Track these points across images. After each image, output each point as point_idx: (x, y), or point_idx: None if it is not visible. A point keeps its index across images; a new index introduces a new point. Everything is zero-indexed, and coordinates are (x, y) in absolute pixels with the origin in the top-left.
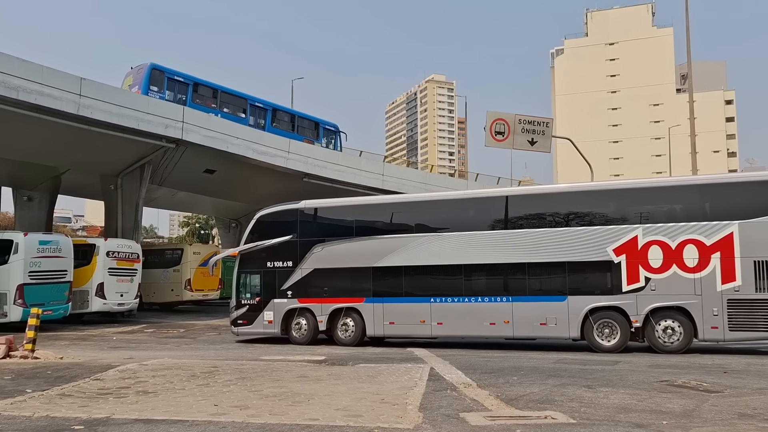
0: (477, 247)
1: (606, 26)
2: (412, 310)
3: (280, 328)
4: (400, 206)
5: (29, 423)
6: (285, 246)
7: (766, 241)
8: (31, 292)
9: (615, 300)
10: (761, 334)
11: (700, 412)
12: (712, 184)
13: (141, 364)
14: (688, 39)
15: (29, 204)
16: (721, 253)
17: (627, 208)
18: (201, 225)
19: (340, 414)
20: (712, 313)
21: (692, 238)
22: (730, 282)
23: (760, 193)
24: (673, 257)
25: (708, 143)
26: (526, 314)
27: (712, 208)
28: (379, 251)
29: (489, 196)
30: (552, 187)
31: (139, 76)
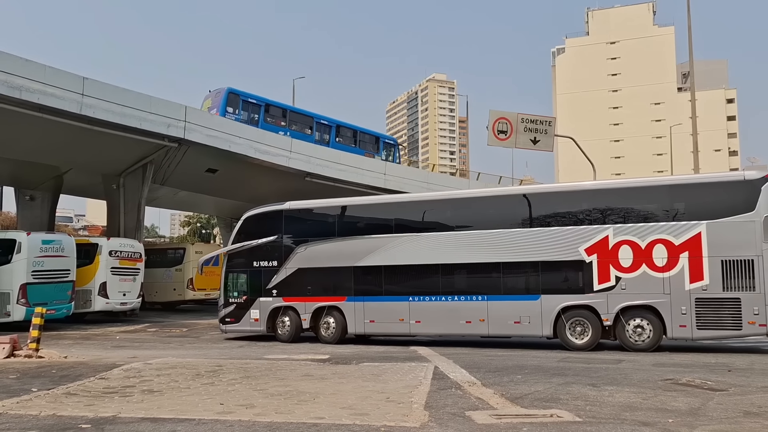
0: (453, 247)
1: (607, 25)
2: (392, 309)
3: (266, 326)
4: (380, 207)
5: (36, 422)
6: (270, 246)
7: (733, 241)
8: (34, 291)
9: (586, 299)
10: (728, 332)
11: (706, 411)
12: (681, 185)
13: (145, 363)
14: (690, 38)
15: (31, 203)
16: (690, 252)
17: (598, 208)
18: (202, 224)
19: (346, 412)
20: (680, 312)
21: (661, 238)
22: (698, 281)
23: (727, 193)
24: (642, 257)
25: (709, 142)
26: (500, 313)
27: (680, 208)
28: (360, 251)
29: (464, 197)
30: (524, 188)
31: (217, 99)
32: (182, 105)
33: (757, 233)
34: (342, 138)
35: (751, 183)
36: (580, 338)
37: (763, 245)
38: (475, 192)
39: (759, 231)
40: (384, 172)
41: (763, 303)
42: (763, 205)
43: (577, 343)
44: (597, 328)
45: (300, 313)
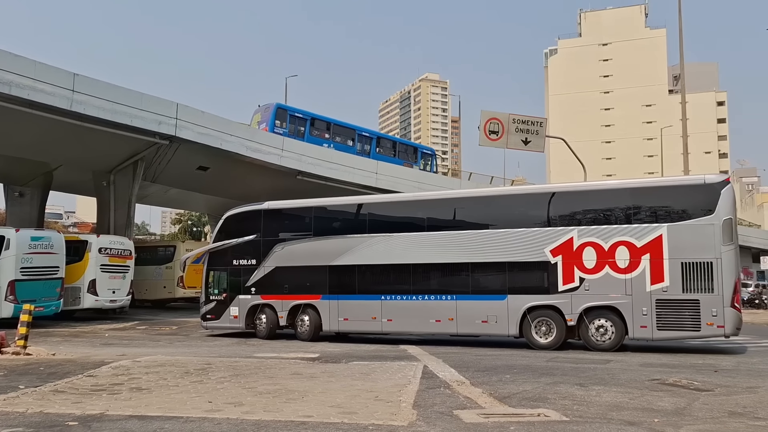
0: (424, 248)
1: (599, 27)
2: (365, 307)
3: (245, 323)
4: (354, 207)
5: (23, 419)
6: (249, 245)
7: (692, 244)
8: (22, 288)
9: (551, 299)
10: (687, 333)
11: (691, 411)
12: (643, 188)
13: (134, 361)
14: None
15: (21, 200)
16: (651, 254)
17: (564, 210)
18: (193, 222)
19: (334, 411)
20: (641, 313)
21: (624, 240)
22: (658, 283)
23: (688, 196)
24: (605, 258)
25: (700, 144)
26: (468, 312)
27: (643, 211)
28: (334, 251)
29: (435, 199)
30: (493, 190)
31: (267, 114)
32: (174, 102)
33: (716, 236)
34: (382, 149)
35: (711, 187)
36: (545, 338)
37: (722, 248)
38: (445, 194)
39: (718, 234)
40: (376, 171)
41: (721, 305)
42: (722, 208)
43: (541, 343)
44: (561, 328)
45: (277, 310)
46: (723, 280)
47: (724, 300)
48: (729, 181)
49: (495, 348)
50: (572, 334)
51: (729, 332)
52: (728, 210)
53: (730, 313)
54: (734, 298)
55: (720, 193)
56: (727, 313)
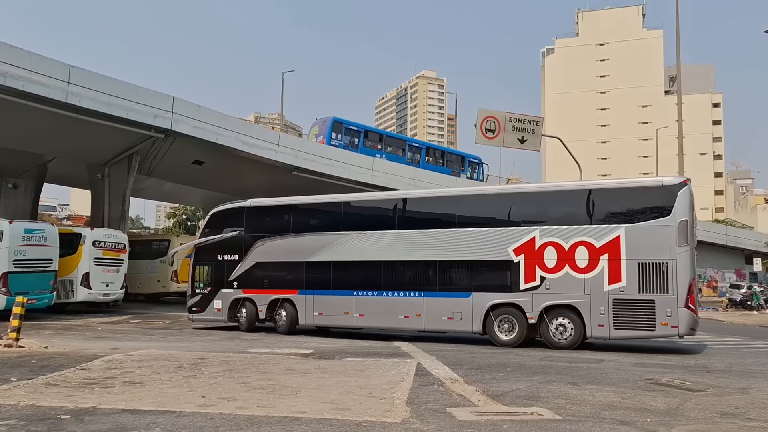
0: (394, 246)
1: (597, 27)
2: (338, 302)
3: (228, 316)
4: (329, 206)
5: (15, 411)
6: (232, 240)
7: (649, 244)
8: (15, 280)
9: (514, 297)
10: (643, 332)
11: (684, 411)
12: (604, 189)
13: (127, 355)
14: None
15: (14, 192)
16: (609, 254)
17: (527, 210)
18: (188, 216)
19: (327, 407)
20: (599, 312)
21: (583, 240)
22: (616, 282)
23: (645, 198)
24: (566, 258)
25: (695, 145)
26: (435, 309)
27: (602, 212)
28: (311, 247)
29: (404, 198)
30: (460, 190)
31: (324, 127)
32: (169, 96)
33: (672, 237)
34: (431, 158)
35: (668, 189)
36: (507, 335)
37: (677, 249)
38: (414, 193)
39: (674, 235)
40: (371, 168)
41: (675, 305)
42: (678, 210)
43: (503, 339)
44: (523, 326)
45: (257, 304)
46: (678, 280)
47: (679, 300)
48: (687, 183)
49: (489, 346)
50: (534, 331)
51: (683, 332)
52: (684, 212)
53: (684, 314)
54: (689, 298)
55: (677, 195)
56: (681, 314)
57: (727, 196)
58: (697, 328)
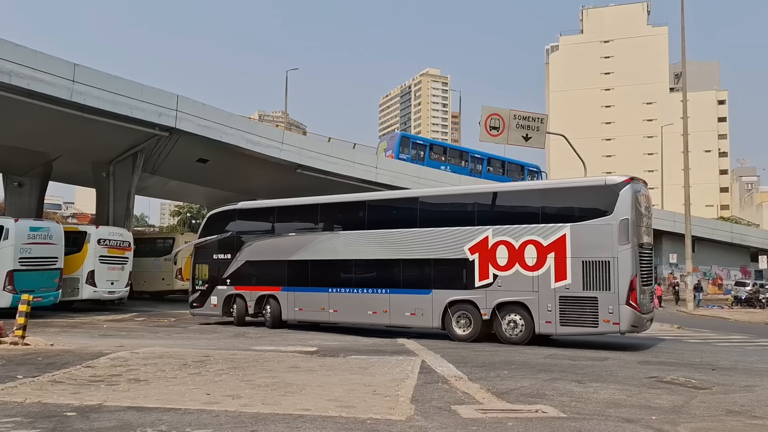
0: (363, 245)
1: (601, 24)
2: (315, 299)
3: (222, 311)
4: (307, 207)
5: (21, 409)
6: (226, 241)
7: (592, 243)
8: (21, 278)
9: (469, 294)
10: (587, 329)
11: (689, 408)
12: (551, 189)
13: (132, 352)
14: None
15: (20, 190)
16: (555, 253)
17: (481, 210)
18: (192, 214)
19: (332, 405)
20: (546, 309)
21: (532, 239)
22: (562, 280)
23: (590, 197)
24: (516, 256)
25: (700, 142)
26: (399, 305)
27: (550, 211)
28: (292, 247)
29: (374, 199)
30: (422, 191)
31: (392, 142)
32: (174, 94)
33: (614, 236)
34: (492, 168)
35: (610, 188)
36: (464, 330)
37: (618, 247)
38: (379, 195)
39: (615, 234)
40: (375, 166)
41: (617, 302)
42: (620, 209)
43: (460, 335)
44: (478, 322)
45: (246, 300)
46: (619, 278)
47: (620, 298)
48: (629, 182)
49: (493, 344)
50: (489, 327)
51: (624, 329)
52: (626, 210)
53: (626, 311)
54: (630, 296)
55: (618, 194)
56: (622, 311)
57: (732, 194)
58: (641, 325)
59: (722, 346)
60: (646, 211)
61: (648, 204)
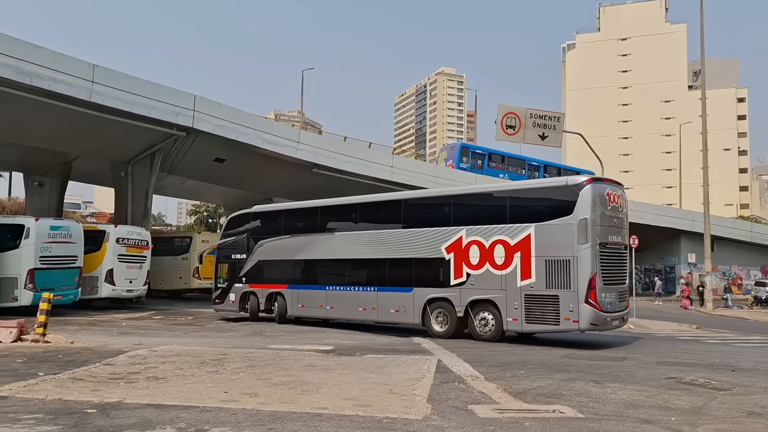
0: (354, 245)
1: (618, 21)
2: (315, 296)
3: (239, 307)
4: (308, 210)
5: (43, 406)
6: (242, 242)
7: (554, 242)
8: (41, 276)
9: (445, 292)
10: (549, 327)
11: (709, 410)
12: (518, 190)
13: (151, 350)
14: (702, 36)
15: (40, 189)
16: (521, 252)
17: (456, 211)
18: (209, 213)
19: (348, 403)
20: (513, 307)
21: (500, 239)
22: (527, 279)
23: (553, 197)
24: (486, 256)
25: (719, 141)
26: (385, 302)
27: (516, 211)
28: (296, 247)
29: (364, 202)
30: (404, 194)
31: (453, 152)
32: (191, 94)
33: (574, 235)
34: (548, 175)
35: (571, 188)
36: (441, 327)
37: (578, 247)
38: (368, 197)
39: (575, 233)
40: (391, 165)
41: (576, 301)
42: (580, 208)
43: (438, 331)
44: (453, 319)
45: (258, 297)
46: (579, 277)
47: (579, 296)
48: (590, 182)
49: (509, 344)
50: (464, 324)
51: (583, 327)
52: (585, 210)
53: (585, 309)
54: (589, 294)
55: (578, 194)
56: (581, 309)
57: (752, 193)
58: (603, 323)
59: (742, 346)
60: (614, 211)
61: (619, 204)
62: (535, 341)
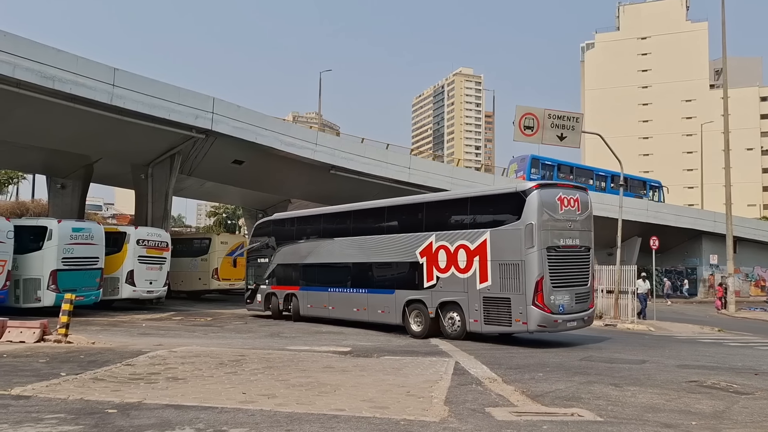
0: (348, 250)
1: (638, 20)
2: (320, 297)
3: (264, 307)
4: (313, 217)
5: (65, 405)
6: (265, 246)
7: (506, 247)
8: (64, 277)
9: (420, 294)
10: (503, 328)
11: (731, 414)
12: (478, 197)
13: (170, 351)
14: (724, 34)
15: (62, 192)
16: (480, 256)
17: (429, 218)
18: (228, 215)
19: (366, 405)
20: (474, 308)
21: (463, 244)
22: (484, 282)
23: (505, 204)
24: (452, 260)
25: (741, 140)
26: (374, 303)
27: (476, 217)
28: (306, 252)
29: (357, 209)
30: (386, 201)
31: (523, 164)
32: (210, 96)
33: (522, 240)
34: (615, 185)
35: (519, 194)
36: (418, 327)
37: (525, 251)
38: (358, 205)
39: (523, 238)
40: (408, 166)
41: (525, 303)
42: (526, 213)
43: (415, 330)
44: (427, 319)
45: (279, 297)
46: (526, 280)
47: (527, 299)
48: (537, 188)
49: (527, 346)
50: (436, 324)
51: (531, 329)
52: (531, 216)
53: (532, 311)
54: (536, 297)
55: (525, 200)
56: (529, 311)
57: None
58: (552, 325)
59: (765, 349)
60: (569, 214)
61: (575, 207)
62: (549, 344)
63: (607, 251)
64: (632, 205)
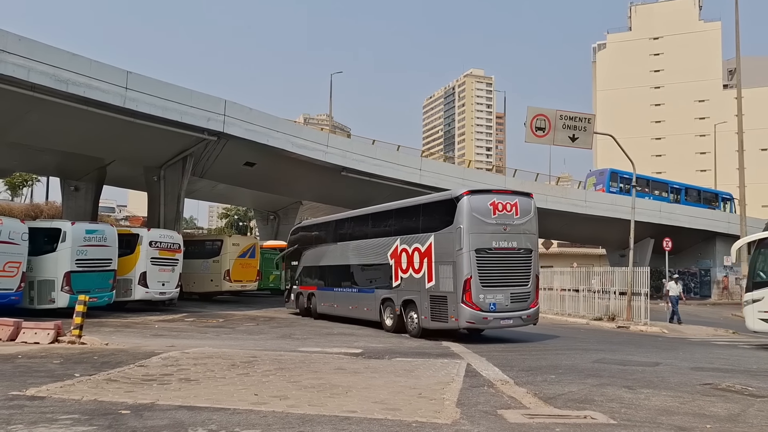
0: (344, 253)
1: (650, 20)
2: (329, 296)
3: (295, 305)
4: (328, 223)
5: (78, 406)
6: (296, 250)
7: (444, 249)
8: (77, 279)
9: (390, 293)
10: (443, 324)
11: (746, 417)
12: (426, 203)
13: (183, 352)
14: (738, 33)
15: (76, 194)
16: (427, 258)
17: (395, 223)
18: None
19: (377, 407)
20: (424, 306)
21: (417, 247)
22: (431, 282)
23: (445, 209)
24: (410, 262)
25: (756, 141)
26: (360, 302)
27: (425, 222)
28: (321, 255)
29: (352, 216)
30: (371, 209)
31: (602, 177)
32: (222, 99)
33: (455, 242)
34: (689, 197)
35: (452, 201)
36: (390, 322)
37: (455, 253)
38: (356, 212)
39: (455, 240)
40: (420, 168)
41: (456, 301)
42: (457, 218)
43: (388, 326)
44: (396, 316)
45: (304, 296)
46: (457, 280)
47: (458, 297)
48: (467, 194)
49: (539, 348)
50: (402, 321)
51: (461, 325)
52: (461, 220)
53: (462, 309)
54: (464, 295)
55: (456, 206)
56: (459, 309)
57: None
58: (482, 322)
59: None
60: (504, 218)
61: (511, 211)
62: (562, 347)
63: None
64: (645, 206)
